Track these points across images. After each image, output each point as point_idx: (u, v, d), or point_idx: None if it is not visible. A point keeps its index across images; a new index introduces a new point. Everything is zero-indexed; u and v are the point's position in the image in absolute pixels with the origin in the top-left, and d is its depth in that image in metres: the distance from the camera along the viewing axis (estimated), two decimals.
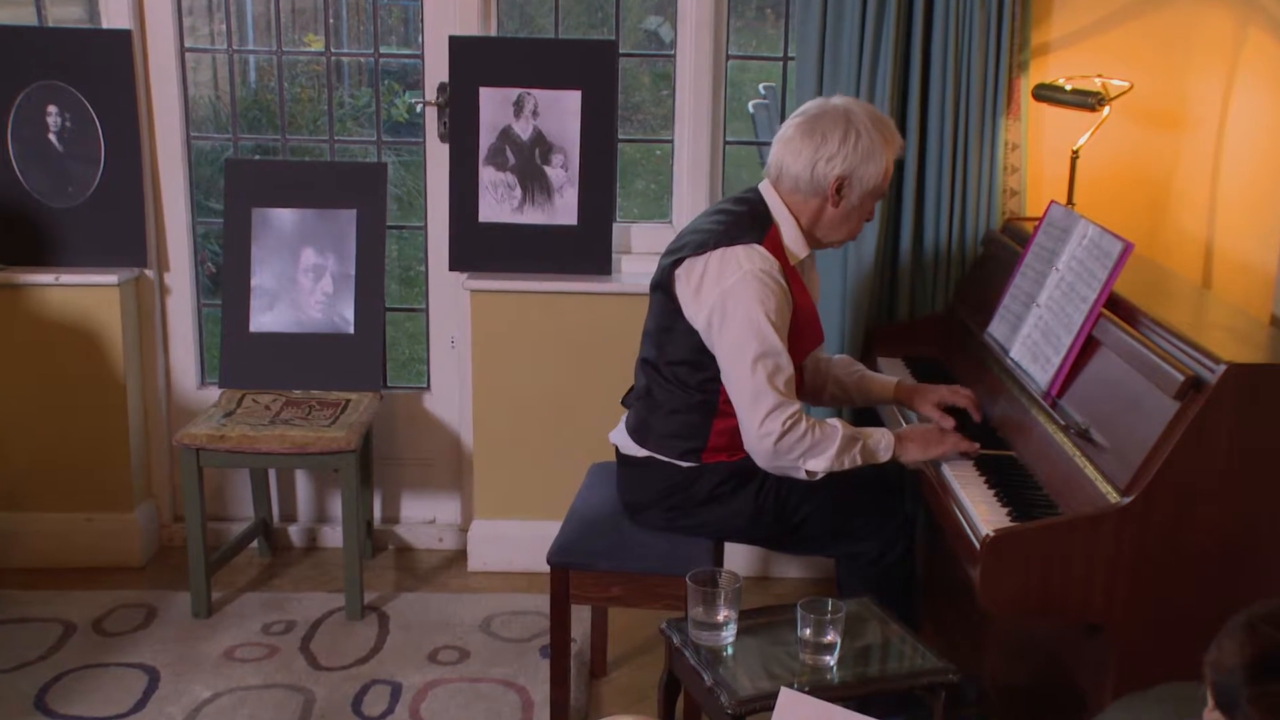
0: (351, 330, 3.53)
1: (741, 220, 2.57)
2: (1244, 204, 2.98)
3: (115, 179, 3.51)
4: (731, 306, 2.48)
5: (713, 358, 2.54)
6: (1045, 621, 2.52)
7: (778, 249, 2.56)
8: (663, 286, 2.60)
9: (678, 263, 2.56)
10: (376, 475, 3.74)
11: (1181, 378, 2.07)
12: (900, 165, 3.24)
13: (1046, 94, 3.14)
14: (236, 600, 3.41)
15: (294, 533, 3.79)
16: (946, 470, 2.48)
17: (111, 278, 3.48)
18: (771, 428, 2.47)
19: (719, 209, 2.66)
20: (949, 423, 2.68)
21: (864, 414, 3.12)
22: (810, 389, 2.87)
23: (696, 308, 2.53)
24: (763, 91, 4.60)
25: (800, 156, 2.56)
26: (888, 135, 2.57)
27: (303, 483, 3.80)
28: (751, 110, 4.77)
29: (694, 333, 2.55)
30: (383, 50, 3.68)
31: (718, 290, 2.49)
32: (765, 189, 2.64)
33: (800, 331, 2.58)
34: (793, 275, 2.57)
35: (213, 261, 4.17)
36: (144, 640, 3.18)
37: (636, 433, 2.68)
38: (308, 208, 3.54)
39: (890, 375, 2.92)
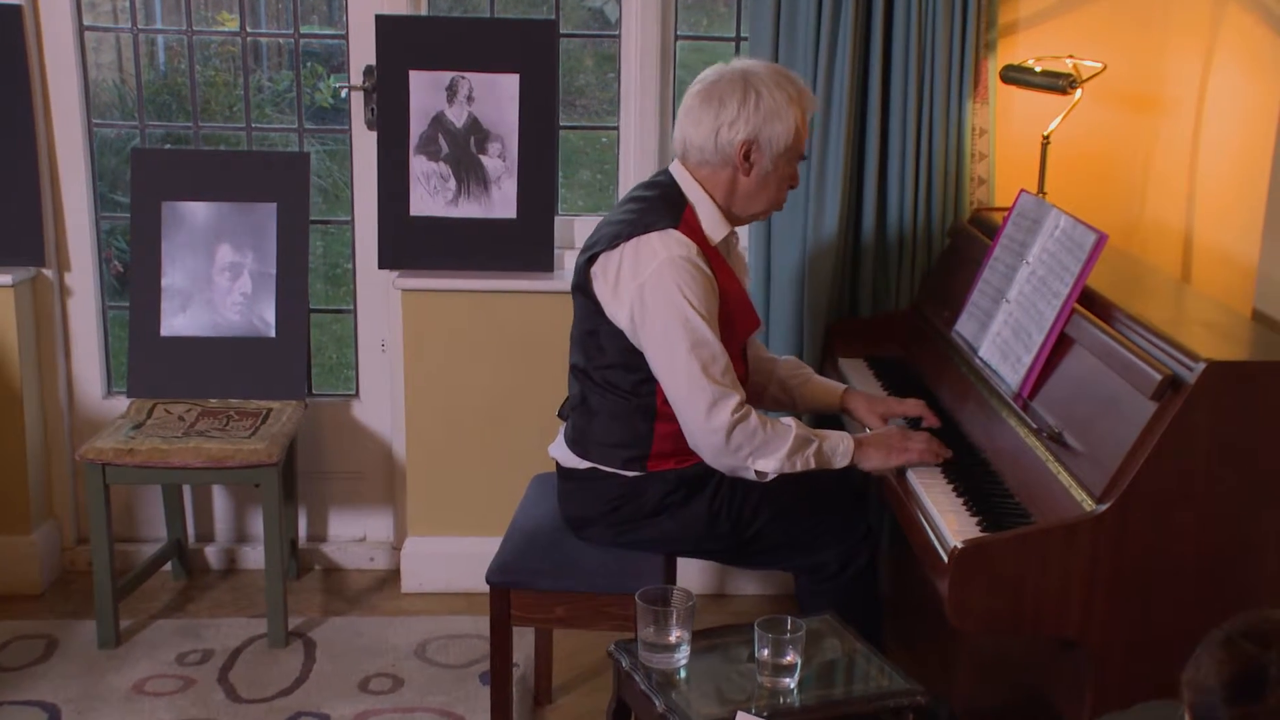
0: (272, 334, 3.50)
1: (654, 206, 2.57)
2: (1224, 192, 3.02)
3: (7, 170, 3.44)
4: (652, 299, 2.47)
5: (644, 357, 2.54)
6: (1018, 637, 2.53)
7: (695, 231, 2.55)
8: (581, 288, 2.59)
9: (592, 260, 2.56)
10: (301, 490, 3.70)
11: (1159, 377, 2.09)
12: (861, 154, 3.26)
13: (1015, 76, 3.16)
14: (148, 628, 3.36)
15: (211, 554, 3.75)
16: (912, 477, 2.49)
17: (5, 278, 3.42)
18: (718, 421, 2.46)
19: (631, 197, 2.66)
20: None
21: (826, 416, 3.12)
22: (752, 389, 2.87)
23: (617, 305, 2.52)
24: None
25: (701, 126, 2.56)
26: (793, 92, 2.57)
27: (220, 499, 3.75)
28: None
29: (621, 334, 2.54)
30: (304, 30, 3.64)
31: (635, 283, 2.48)
32: (675, 169, 2.64)
33: (731, 316, 2.57)
34: (715, 257, 2.57)
35: (119, 260, 4.12)
36: (44, 675, 3.13)
37: (576, 444, 2.67)
38: (223, 201, 3.50)
39: (838, 383, 2.91)
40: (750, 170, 2.58)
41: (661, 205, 2.57)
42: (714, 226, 2.60)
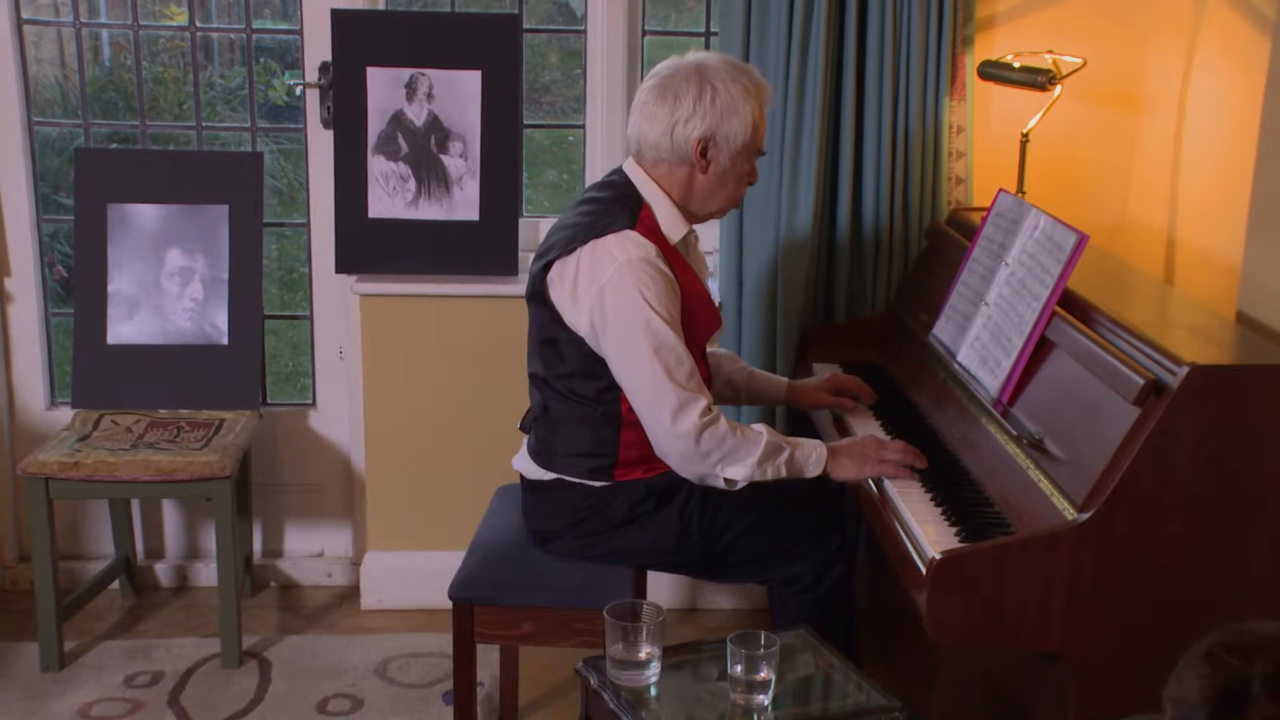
0: (225, 341, 3.48)
1: (609, 206, 2.57)
2: (1207, 191, 3.04)
3: None
4: (612, 304, 2.47)
5: (606, 363, 2.54)
6: (999, 651, 2.54)
7: (653, 231, 2.56)
8: (537, 295, 2.59)
9: (548, 266, 2.56)
10: (256, 504, 3.68)
11: (1141, 381, 2.11)
12: (836, 153, 3.27)
13: (993, 72, 3.18)
14: (94, 650, 3.34)
15: (161, 571, 3.72)
16: (889, 485, 2.50)
17: None
18: (685, 426, 2.47)
19: (584, 199, 2.67)
20: (847, 405, 2.86)
21: (801, 424, 3.14)
22: None
23: (576, 312, 2.52)
24: None
25: (656, 122, 2.56)
26: (749, 86, 2.57)
27: (171, 514, 3.73)
28: None
29: (580, 341, 2.54)
30: (256, 25, 3.63)
31: (594, 288, 2.48)
32: (630, 167, 2.64)
33: (694, 317, 2.58)
34: (674, 257, 2.58)
35: (63, 264, 4.09)
36: None
37: (539, 455, 2.67)
38: (173, 203, 3.48)
39: (780, 377, 3.00)
40: (707, 168, 2.58)
41: (616, 206, 2.57)
42: (672, 225, 2.60)
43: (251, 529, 3.69)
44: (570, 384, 2.59)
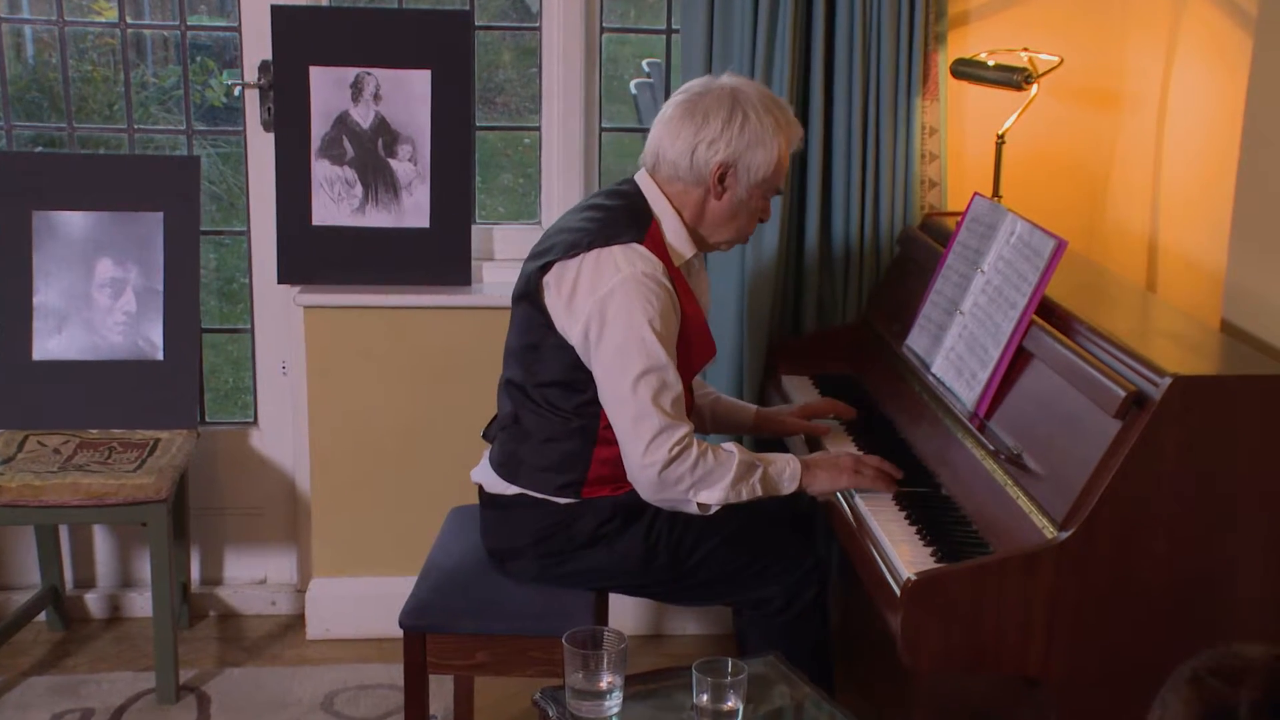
0: (160, 356, 3.46)
1: (618, 216, 2.59)
2: (1189, 193, 3.08)
3: None
4: (611, 316, 2.49)
5: (589, 376, 2.55)
6: (978, 676, 2.56)
7: (660, 248, 2.58)
8: (529, 297, 2.60)
9: (546, 268, 2.57)
10: (194, 529, 3.66)
11: (1123, 393, 2.13)
12: (804, 156, 3.29)
13: (967, 71, 3.21)
14: (18, 686, 3.31)
15: (92, 601, 3.69)
16: (862, 504, 2.51)
17: None
18: (657, 455, 2.48)
19: (591, 204, 2.68)
20: (821, 430, 2.84)
21: (772, 443, 3.14)
22: None
23: (570, 320, 2.54)
24: (646, 69, 4.63)
25: (679, 139, 2.59)
26: (781, 121, 2.61)
27: (102, 540, 3.70)
28: (634, 90, 4.80)
29: (566, 349, 2.55)
30: (191, 21, 3.61)
31: (594, 298, 2.50)
32: (642, 179, 2.66)
33: (690, 344, 2.60)
34: (678, 278, 2.60)
35: None
36: None
37: (504, 468, 2.67)
38: (103, 210, 3.46)
39: (748, 404, 3.01)
40: (723, 194, 2.61)
41: (626, 216, 2.59)
42: (680, 245, 2.63)
43: (189, 555, 3.66)
44: (548, 394, 2.60)
